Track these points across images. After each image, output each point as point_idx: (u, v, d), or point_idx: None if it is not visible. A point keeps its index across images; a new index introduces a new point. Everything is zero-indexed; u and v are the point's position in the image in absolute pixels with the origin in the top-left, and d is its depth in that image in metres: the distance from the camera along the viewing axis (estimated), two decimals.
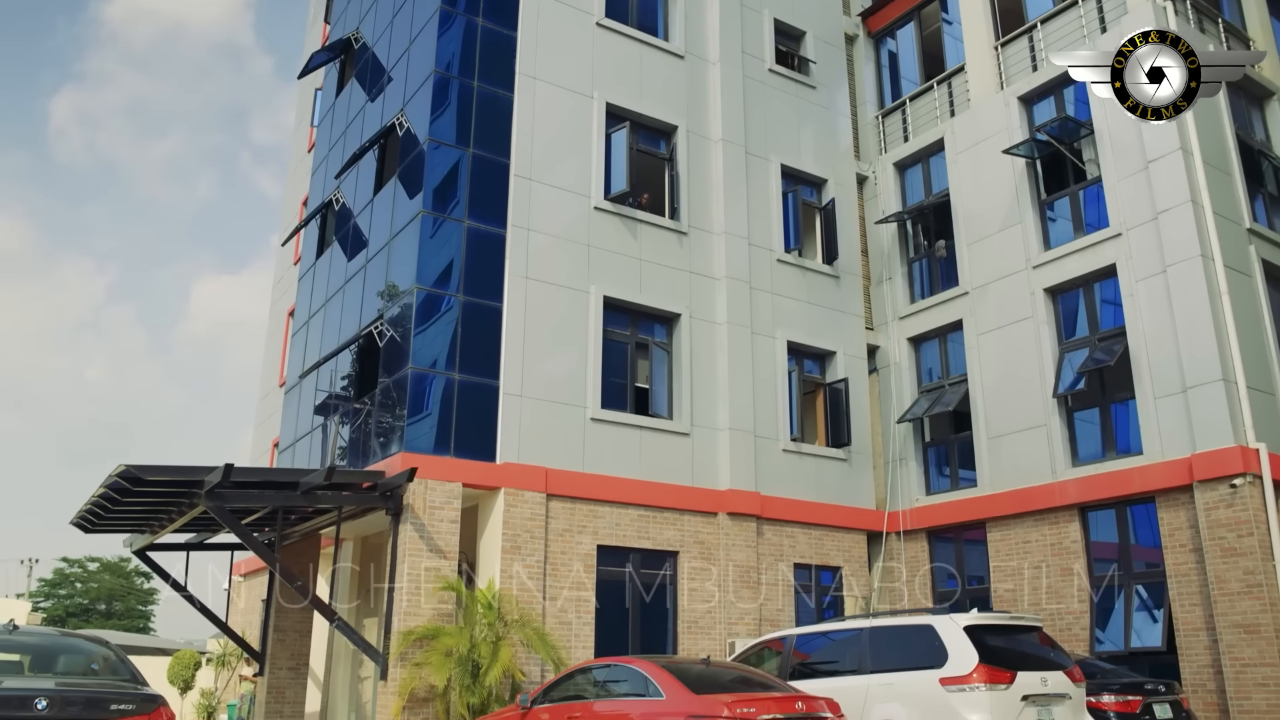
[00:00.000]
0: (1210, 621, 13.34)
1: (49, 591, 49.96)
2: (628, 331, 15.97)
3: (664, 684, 8.98)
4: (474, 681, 12.31)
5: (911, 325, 18.64)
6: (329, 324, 17.93)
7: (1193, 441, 13.83)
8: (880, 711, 9.95)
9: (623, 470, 14.96)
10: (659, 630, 14.97)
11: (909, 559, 17.64)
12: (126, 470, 11.84)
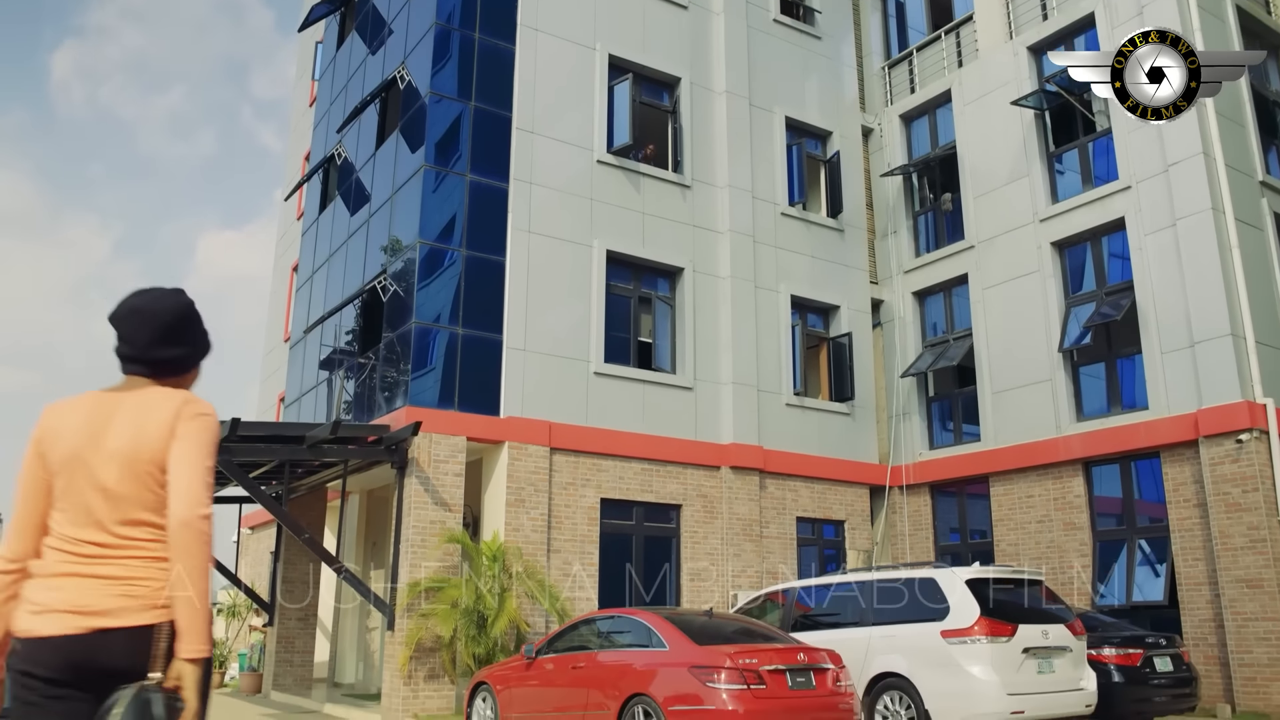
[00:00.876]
0: (1213, 576, 13.39)
1: None
2: (630, 286, 15.91)
3: (667, 635, 9.05)
4: (479, 632, 12.44)
5: (916, 279, 18.53)
6: (333, 279, 17.89)
7: (1199, 396, 13.78)
8: (881, 663, 10.03)
9: (626, 424, 14.99)
10: (662, 582, 15.09)
11: (911, 513, 17.70)
12: None
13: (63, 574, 2.45)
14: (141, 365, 2.67)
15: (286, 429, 14.63)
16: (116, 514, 2.48)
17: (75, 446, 2.52)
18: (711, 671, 8.36)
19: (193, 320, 2.77)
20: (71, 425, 2.55)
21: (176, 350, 2.71)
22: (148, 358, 2.66)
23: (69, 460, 2.51)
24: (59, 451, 2.53)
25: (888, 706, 9.91)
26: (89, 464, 2.49)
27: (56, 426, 2.57)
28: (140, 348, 2.66)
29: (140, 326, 2.66)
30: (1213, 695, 13.04)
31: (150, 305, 2.69)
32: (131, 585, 2.44)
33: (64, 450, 2.52)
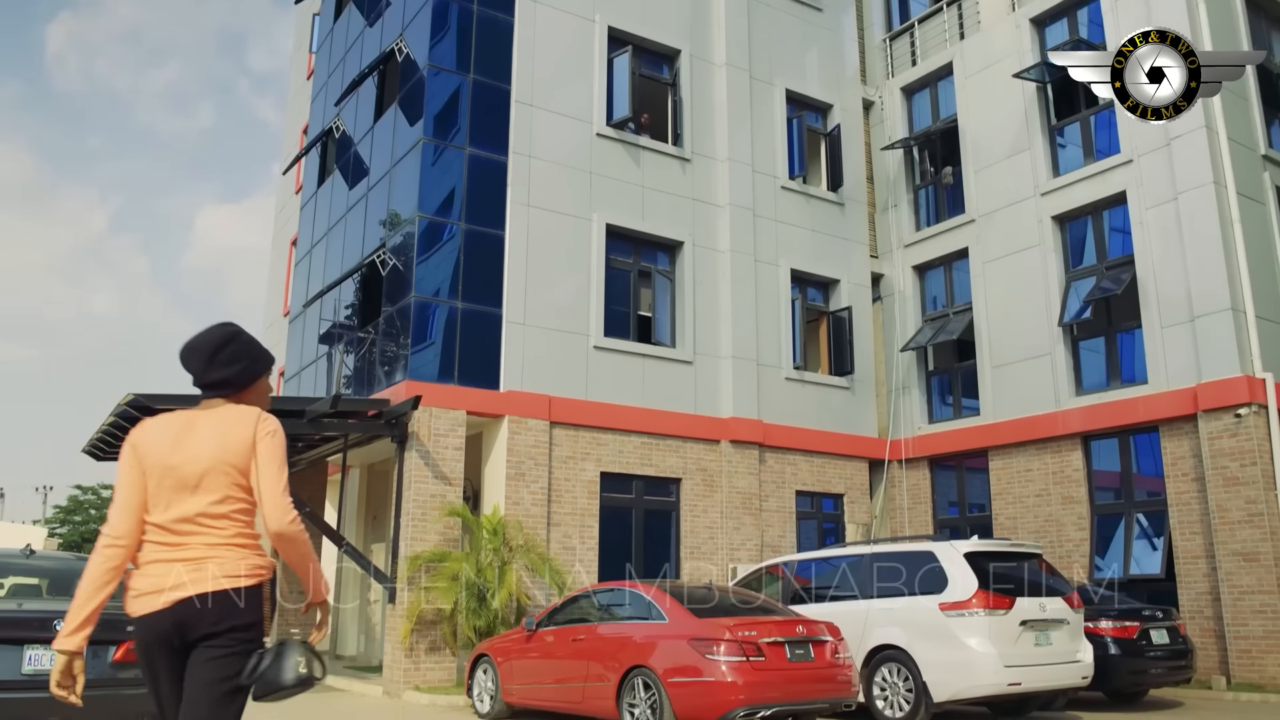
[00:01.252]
0: (1210, 550, 13.45)
1: (64, 518, 50.66)
2: (630, 259, 15.88)
3: (667, 608, 9.10)
4: (480, 605, 12.51)
5: (916, 253, 18.50)
6: (331, 253, 17.85)
7: (1199, 371, 13.79)
8: (880, 635, 10.09)
9: (625, 398, 15.00)
10: (661, 555, 15.15)
11: (910, 487, 17.75)
12: (135, 399, 11.90)
13: (154, 560, 3.06)
14: (207, 388, 3.25)
15: (286, 403, 14.64)
16: (196, 506, 3.07)
17: (163, 455, 3.08)
18: (711, 644, 8.42)
19: (235, 343, 3.27)
20: (160, 437, 3.13)
21: (227, 370, 3.23)
22: (206, 381, 3.24)
23: (158, 466, 3.07)
24: (151, 459, 3.09)
25: (885, 678, 9.98)
26: (175, 469, 3.06)
27: (148, 438, 3.14)
28: (199, 374, 3.23)
29: (194, 358, 3.23)
30: (1208, 667, 13.13)
31: (198, 340, 3.26)
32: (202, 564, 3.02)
33: (154, 458, 3.08)
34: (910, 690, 9.72)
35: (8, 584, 7.24)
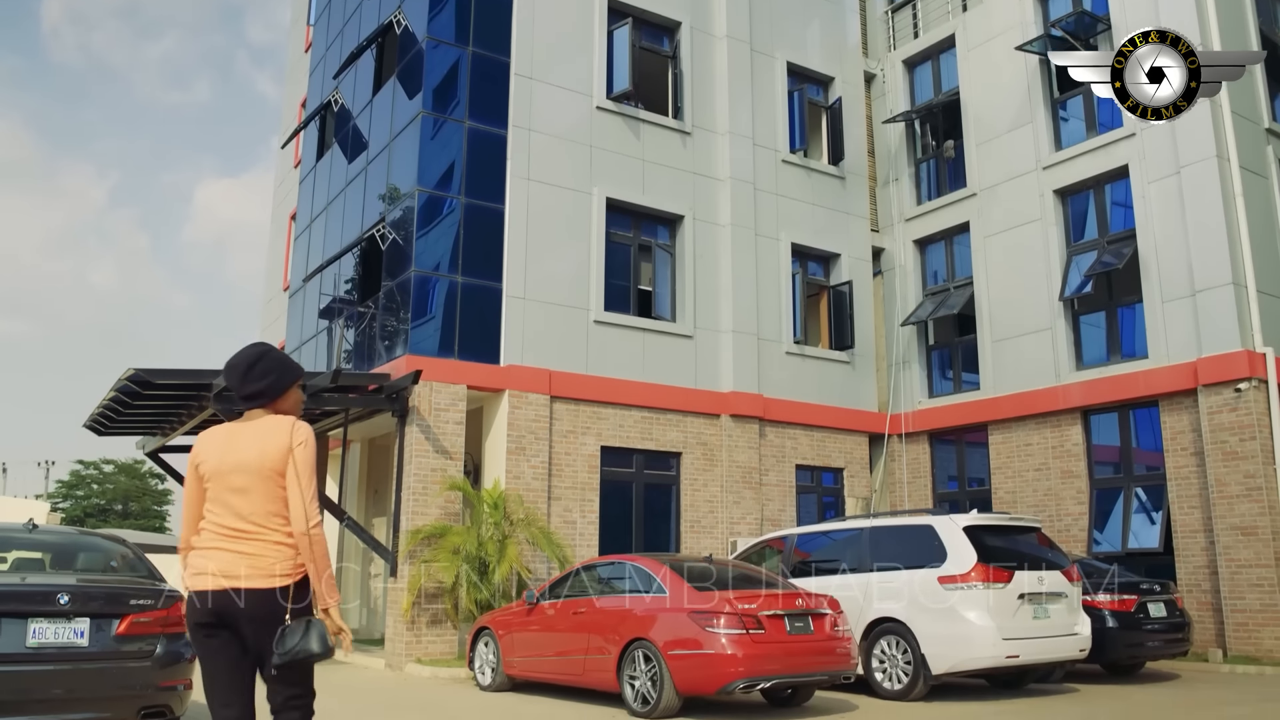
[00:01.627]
0: (1208, 523, 13.50)
1: (66, 493, 50.82)
2: (630, 233, 15.84)
3: (667, 581, 9.14)
4: (481, 578, 12.57)
5: (917, 227, 18.44)
6: (331, 227, 17.80)
7: (1199, 345, 13.79)
8: (879, 608, 10.14)
9: (626, 372, 15.01)
10: (662, 529, 15.21)
11: (910, 461, 17.79)
12: (136, 374, 11.91)
13: (212, 548, 3.53)
14: (244, 400, 3.67)
15: None
16: (246, 507, 3.52)
17: (215, 463, 3.56)
18: (711, 616, 8.46)
19: (265, 360, 3.70)
20: (212, 448, 3.61)
21: (260, 384, 3.66)
22: (243, 394, 3.68)
23: (213, 471, 3.56)
24: (206, 467, 3.59)
25: (885, 651, 10.04)
26: (224, 475, 3.53)
27: (204, 451, 3.63)
28: (237, 389, 3.69)
29: (232, 375, 3.71)
30: (1205, 640, 13.21)
31: (235, 359, 3.73)
32: (253, 560, 3.48)
33: (209, 467, 3.58)
34: (909, 662, 9.79)
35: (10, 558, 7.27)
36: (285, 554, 3.54)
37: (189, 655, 6.50)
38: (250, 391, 3.66)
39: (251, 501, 3.52)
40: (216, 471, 3.56)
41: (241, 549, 3.50)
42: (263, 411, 3.68)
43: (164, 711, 6.36)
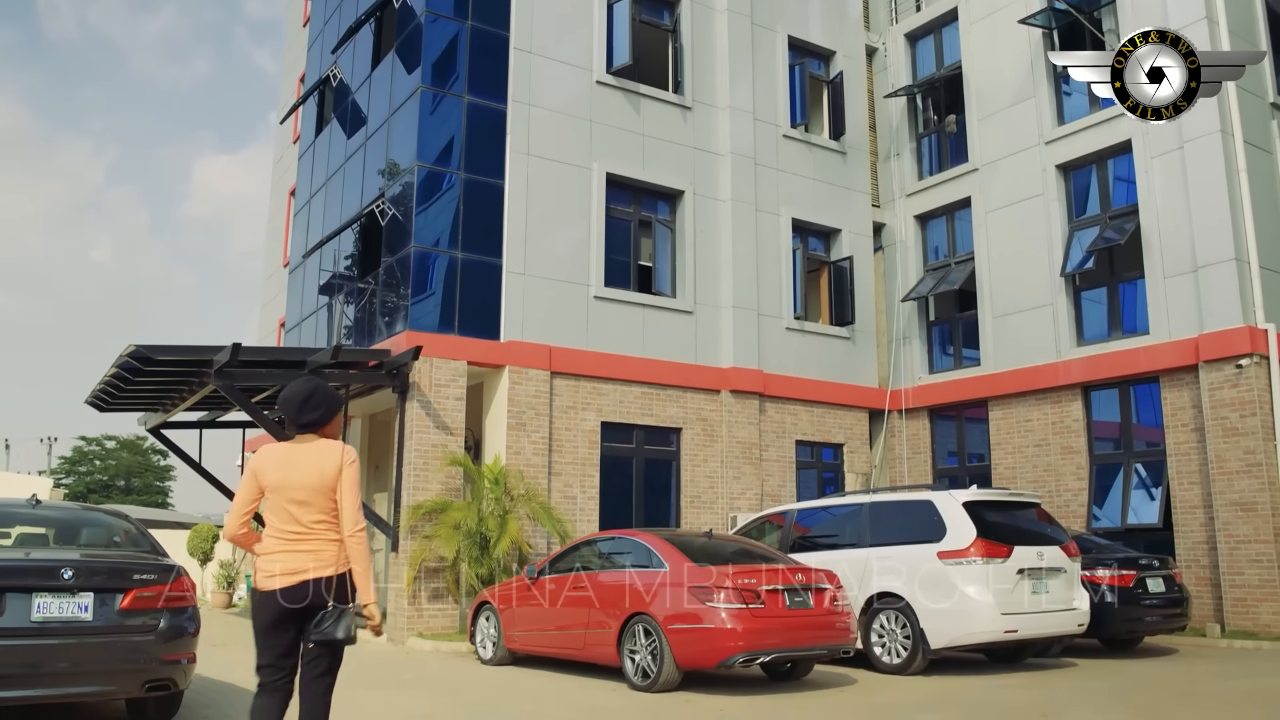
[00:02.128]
0: (1208, 499, 13.53)
1: (69, 469, 50.95)
2: (630, 209, 15.79)
3: (667, 556, 9.18)
4: (482, 553, 12.62)
5: (919, 202, 18.38)
6: (330, 203, 17.75)
7: (1200, 321, 13.77)
8: (879, 583, 10.18)
9: (626, 348, 15.01)
10: (662, 504, 15.26)
11: (910, 436, 17.82)
12: (136, 350, 11.91)
13: (278, 551, 4.22)
14: (299, 428, 4.37)
15: (287, 354, 14.67)
16: (306, 516, 4.23)
17: (277, 477, 4.24)
18: (711, 591, 8.50)
19: (315, 395, 4.39)
20: (274, 463, 4.28)
21: (313, 415, 4.37)
22: (299, 423, 4.36)
23: (275, 485, 4.24)
24: (268, 479, 4.26)
25: (884, 625, 10.09)
26: (286, 487, 4.23)
27: (264, 465, 4.30)
28: (293, 419, 4.35)
29: (288, 407, 4.37)
30: (1203, 615, 13.28)
31: (290, 393, 4.40)
32: (315, 555, 4.21)
33: (272, 479, 4.25)
34: (908, 637, 9.83)
35: (14, 533, 7.30)
36: (338, 550, 4.28)
37: (192, 630, 6.54)
38: (305, 421, 4.37)
39: (310, 511, 4.24)
40: (279, 486, 4.25)
41: (304, 548, 4.22)
42: (315, 436, 4.39)
43: (168, 685, 6.40)
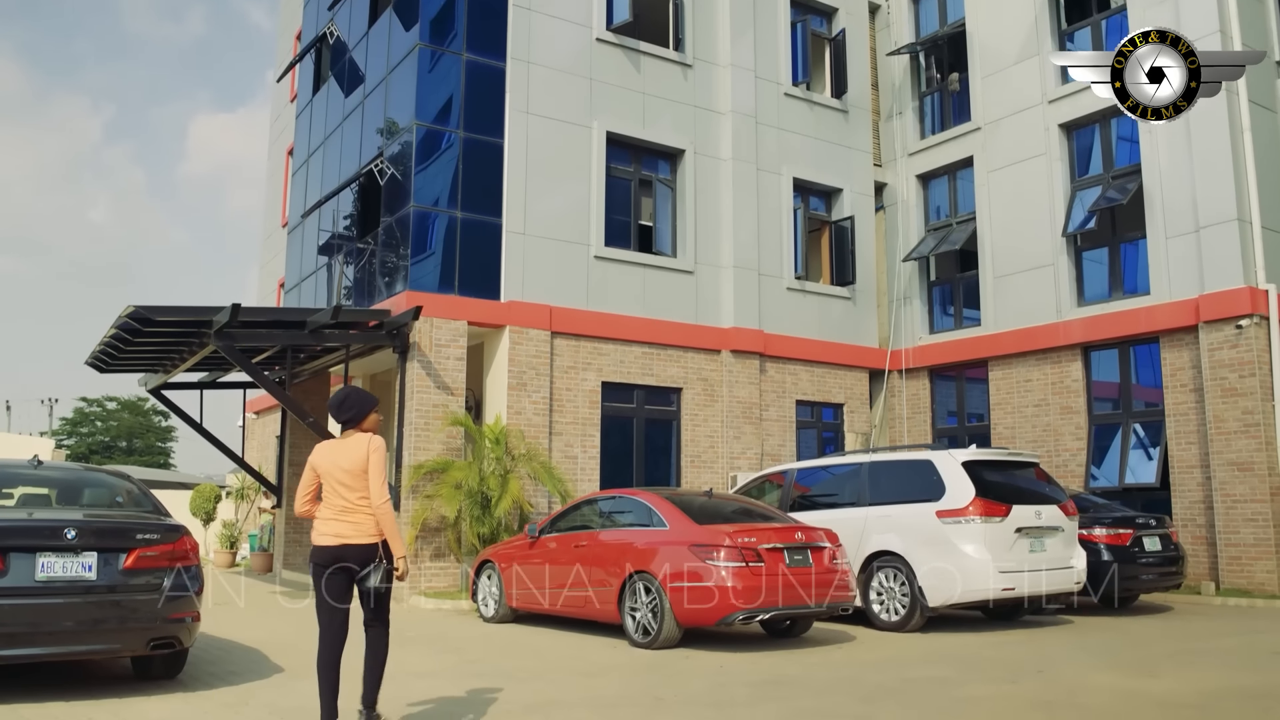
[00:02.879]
0: (1205, 459, 13.59)
1: (71, 430, 51.12)
2: (631, 168, 15.70)
3: (668, 514, 9.24)
4: (484, 512, 12.70)
5: (921, 162, 18.27)
6: (329, 162, 17.64)
7: (1201, 282, 13.75)
8: (877, 542, 10.27)
9: (626, 308, 15.00)
10: (662, 464, 15.33)
11: (910, 396, 17.86)
12: (136, 311, 11.89)
13: (330, 519, 5.24)
14: (340, 425, 5.43)
15: (287, 314, 14.65)
16: (349, 494, 5.23)
17: (326, 464, 5.29)
18: (711, 549, 8.57)
19: (350, 398, 5.45)
20: (325, 453, 5.34)
21: (349, 414, 5.41)
22: (339, 420, 5.43)
23: (325, 470, 5.29)
24: (321, 466, 5.31)
25: (882, 583, 10.18)
26: (334, 471, 5.25)
27: (318, 455, 5.36)
28: (335, 417, 5.44)
29: (331, 408, 5.49)
30: (1198, 573, 13.39)
31: (332, 398, 5.54)
32: (355, 525, 5.19)
33: (323, 466, 5.31)
34: (906, 595, 9.93)
35: (17, 494, 7.34)
36: (373, 521, 5.24)
37: (196, 589, 6.60)
38: (343, 419, 5.42)
39: (351, 490, 5.23)
40: (328, 471, 5.29)
41: (348, 520, 5.22)
42: (354, 431, 5.40)
43: (173, 643, 6.47)
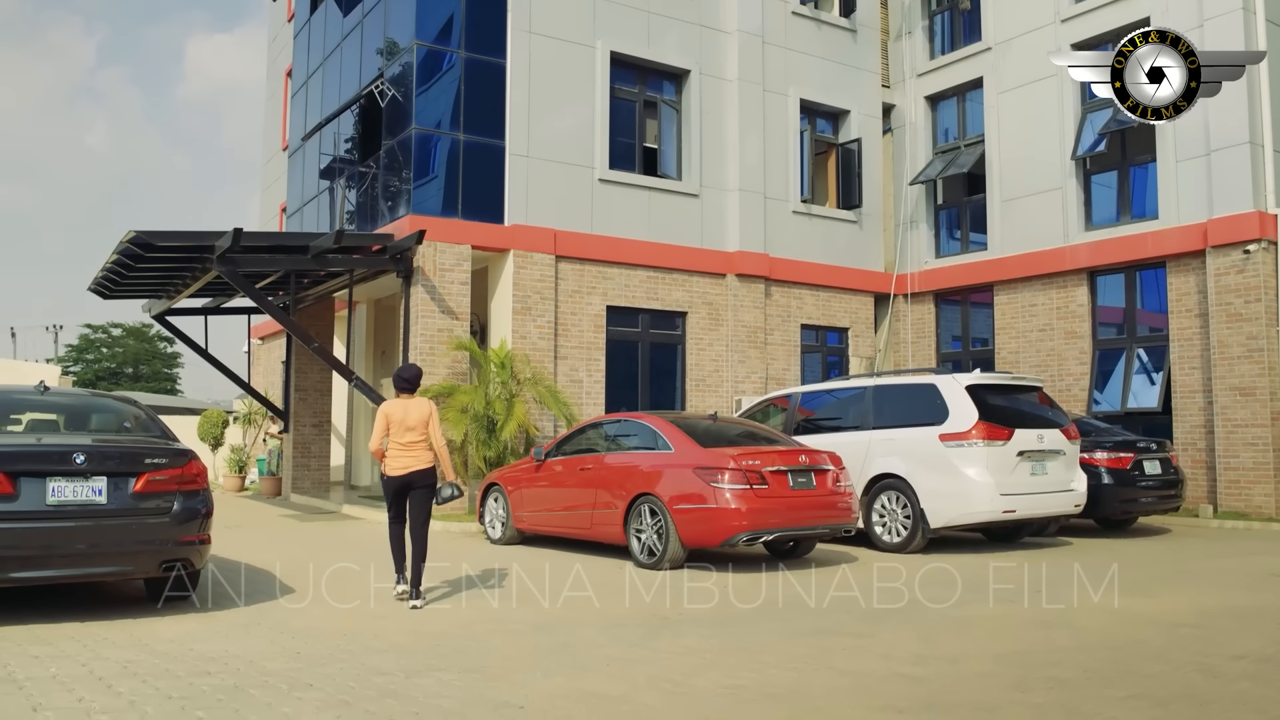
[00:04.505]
0: (1208, 384, 13.61)
1: (77, 356, 51.24)
2: (635, 89, 15.46)
3: (672, 438, 9.30)
4: (489, 436, 12.79)
5: (930, 83, 17.97)
6: (328, 84, 17.38)
7: (1210, 206, 13.61)
8: (881, 465, 10.35)
9: (631, 232, 14.90)
10: (667, 388, 15.38)
11: (915, 321, 17.83)
12: (137, 236, 11.83)
13: (397, 454, 7.19)
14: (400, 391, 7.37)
15: (290, 239, 14.58)
16: (413, 436, 7.18)
17: (400, 417, 7.18)
18: (715, 472, 8.64)
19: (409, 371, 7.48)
20: (397, 410, 7.20)
21: (405, 385, 7.38)
22: (399, 388, 7.37)
23: (397, 423, 7.17)
24: (393, 419, 7.17)
25: (885, 506, 10.29)
26: (402, 422, 7.17)
27: (391, 410, 7.21)
28: (398, 386, 7.36)
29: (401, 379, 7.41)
30: (1197, 496, 13.51)
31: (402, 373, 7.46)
32: (416, 457, 7.17)
33: (395, 419, 7.17)
34: (908, 517, 10.04)
35: (25, 419, 7.37)
36: (430, 455, 7.28)
37: (205, 512, 6.67)
38: (402, 387, 7.37)
39: (415, 434, 7.19)
40: (401, 422, 7.18)
41: (410, 454, 7.20)
42: (410, 395, 7.38)
43: (184, 565, 6.56)
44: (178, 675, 4.85)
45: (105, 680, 4.72)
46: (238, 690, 4.56)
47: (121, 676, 4.81)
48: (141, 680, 4.73)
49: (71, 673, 4.88)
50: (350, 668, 5.05)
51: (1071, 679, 4.81)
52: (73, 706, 4.25)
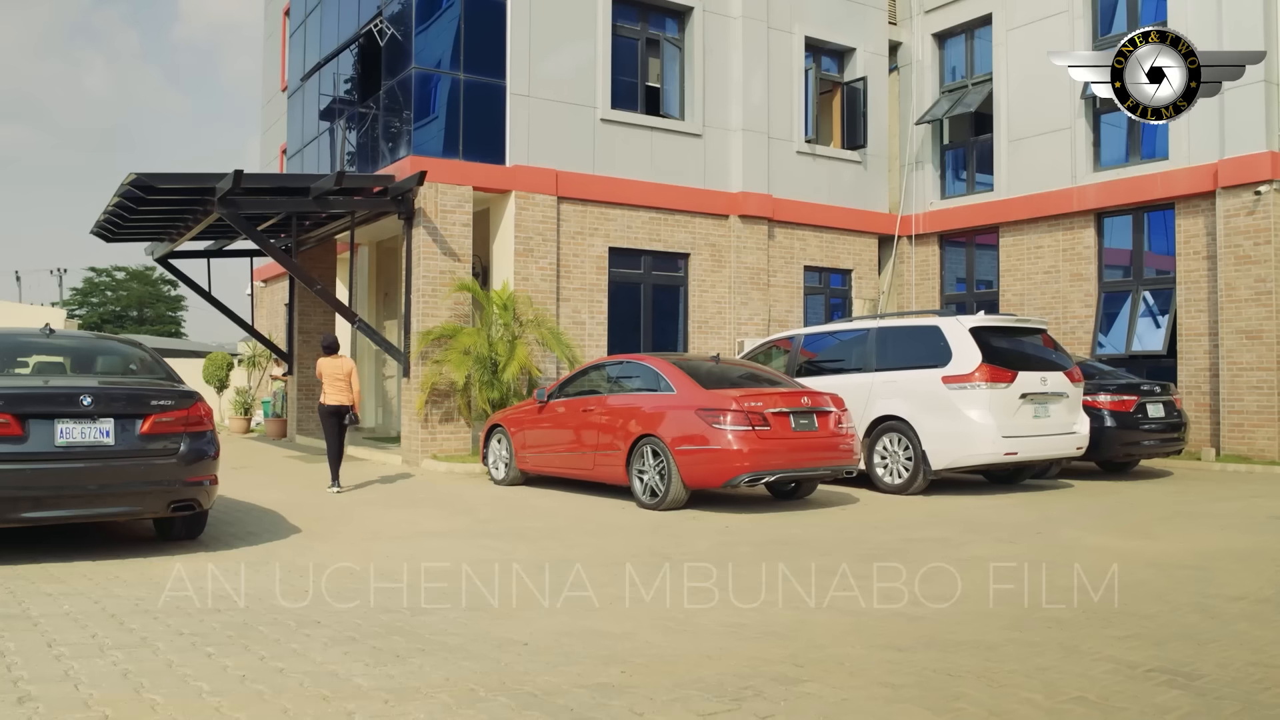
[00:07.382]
0: (1213, 327, 13.57)
1: (81, 300, 51.22)
2: (638, 26, 15.22)
3: (675, 379, 9.31)
4: (492, 378, 12.82)
5: (937, 19, 17.66)
6: (327, 23, 17.12)
7: (1222, 147, 13.45)
8: (883, 407, 10.38)
9: (633, 172, 14.78)
10: (670, 330, 15.38)
11: (919, 263, 17.75)
12: (138, 178, 11.76)
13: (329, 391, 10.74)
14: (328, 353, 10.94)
15: (290, 180, 14.47)
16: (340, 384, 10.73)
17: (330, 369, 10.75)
18: (717, 414, 8.67)
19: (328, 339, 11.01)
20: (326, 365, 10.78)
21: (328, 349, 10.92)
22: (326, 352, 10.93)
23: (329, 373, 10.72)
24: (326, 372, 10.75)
25: (887, 447, 10.34)
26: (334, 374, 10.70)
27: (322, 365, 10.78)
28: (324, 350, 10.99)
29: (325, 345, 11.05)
30: (1200, 440, 13.55)
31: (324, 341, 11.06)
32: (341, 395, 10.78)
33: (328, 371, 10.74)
34: (910, 459, 10.09)
35: (32, 362, 7.39)
36: (349, 395, 10.53)
37: (212, 453, 6.72)
38: (328, 351, 10.66)
39: (339, 380, 10.49)
40: (331, 375, 10.53)
41: (338, 391, 10.53)
42: (337, 356, 10.62)
43: (192, 505, 6.64)
44: (188, 613, 4.93)
45: (117, 617, 4.80)
46: (247, 627, 4.63)
47: (133, 614, 4.88)
48: (153, 617, 4.80)
49: (84, 609, 4.96)
50: (357, 605, 5.12)
51: (1070, 619, 4.87)
52: (86, 642, 4.32)
